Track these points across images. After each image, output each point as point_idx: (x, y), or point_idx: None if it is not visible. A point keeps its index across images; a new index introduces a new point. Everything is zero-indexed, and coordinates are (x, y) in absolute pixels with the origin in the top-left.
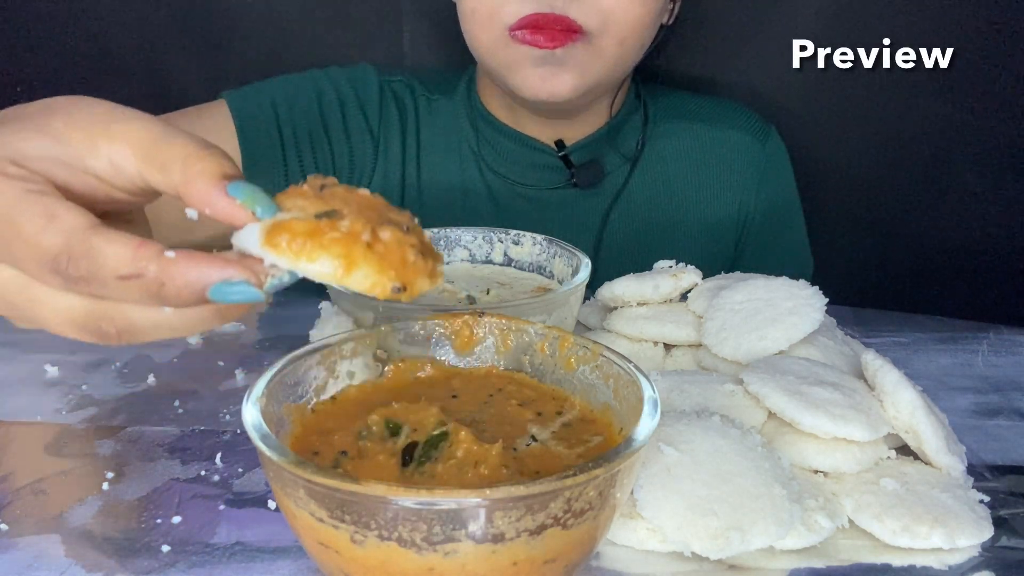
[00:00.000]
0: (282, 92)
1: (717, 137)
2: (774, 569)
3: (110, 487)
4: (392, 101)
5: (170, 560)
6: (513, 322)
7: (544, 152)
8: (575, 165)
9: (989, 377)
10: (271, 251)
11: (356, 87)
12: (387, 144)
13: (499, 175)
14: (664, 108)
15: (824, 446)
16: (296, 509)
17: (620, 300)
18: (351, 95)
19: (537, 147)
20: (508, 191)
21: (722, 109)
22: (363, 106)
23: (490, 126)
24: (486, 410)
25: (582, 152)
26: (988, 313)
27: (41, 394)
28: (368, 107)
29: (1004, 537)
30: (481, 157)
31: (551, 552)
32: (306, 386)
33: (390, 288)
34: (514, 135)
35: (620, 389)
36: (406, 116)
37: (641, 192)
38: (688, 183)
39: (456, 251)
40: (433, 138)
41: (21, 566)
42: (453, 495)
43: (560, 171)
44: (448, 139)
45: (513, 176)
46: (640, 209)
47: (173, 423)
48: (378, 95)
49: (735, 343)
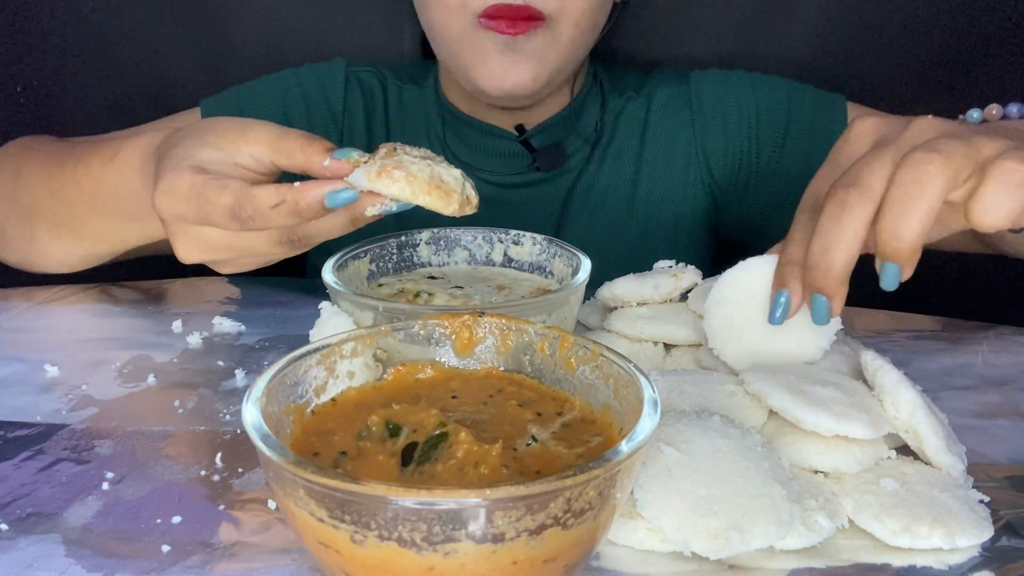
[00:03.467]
0: (249, 94)
1: (654, 103)
2: (774, 569)
3: (110, 487)
4: (358, 89)
5: (170, 560)
6: (513, 322)
7: (505, 138)
8: (536, 149)
9: (989, 377)
10: (374, 180)
11: (322, 80)
12: (351, 131)
13: (463, 163)
14: (618, 88)
15: (824, 446)
16: (296, 509)
17: (620, 300)
18: (316, 89)
19: (497, 133)
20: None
21: (653, 78)
22: (327, 97)
23: (452, 116)
24: (486, 411)
25: (543, 136)
26: (988, 313)
27: (41, 394)
28: (332, 97)
29: (1004, 537)
30: (447, 146)
31: (551, 552)
32: (306, 386)
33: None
34: (474, 123)
35: (620, 389)
36: (373, 104)
37: (603, 172)
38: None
39: (456, 251)
40: (402, 127)
41: (21, 566)
42: (453, 495)
43: (523, 157)
44: (416, 128)
45: (476, 163)
46: (602, 189)
47: (173, 423)
48: (343, 85)
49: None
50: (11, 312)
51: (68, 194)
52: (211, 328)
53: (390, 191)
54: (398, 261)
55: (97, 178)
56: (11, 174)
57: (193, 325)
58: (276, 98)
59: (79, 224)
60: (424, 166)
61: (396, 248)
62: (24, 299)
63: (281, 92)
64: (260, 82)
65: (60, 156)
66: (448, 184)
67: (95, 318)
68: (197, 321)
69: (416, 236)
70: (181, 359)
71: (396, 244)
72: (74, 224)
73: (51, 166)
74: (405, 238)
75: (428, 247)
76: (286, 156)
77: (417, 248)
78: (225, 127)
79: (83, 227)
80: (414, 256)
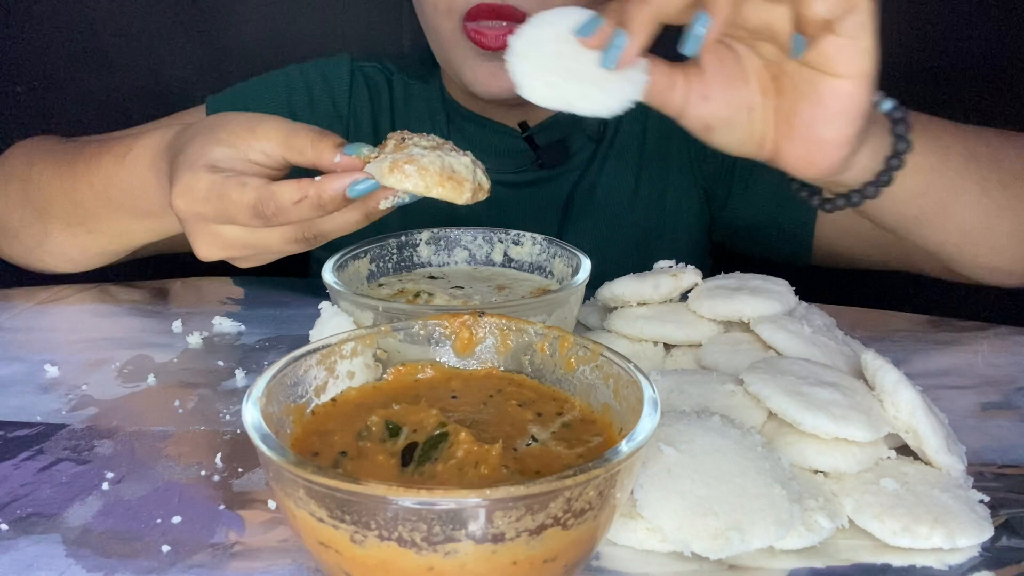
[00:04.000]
0: (254, 91)
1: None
2: (774, 569)
3: (110, 487)
4: (363, 85)
5: (170, 560)
6: (513, 322)
7: (508, 135)
8: (539, 146)
9: (989, 377)
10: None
11: (327, 75)
12: (357, 126)
13: None
14: None
15: (824, 446)
16: (296, 509)
17: (620, 300)
18: (320, 84)
19: (500, 130)
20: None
21: None
22: (332, 92)
23: (456, 112)
24: (486, 411)
25: (547, 133)
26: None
27: (41, 394)
28: (337, 93)
29: (1004, 537)
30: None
31: (551, 552)
32: (306, 386)
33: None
34: (478, 120)
35: (620, 389)
36: (379, 99)
37: (606, 171)
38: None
39: (456, 251)
40: (407, 122)
41: (21, 566)
42: (453, 495)
43: (527, 154)
44: (422, 124)
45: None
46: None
47: (173, 423)
48: (348, 80)
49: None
50: (11, 312)
51: (81, 193)
52: (211, 328)
53: (403, 186)
54: (398, 261)
55: (110, 177)
56: (22, 176)
57: (193, 325)
58: (280, 94)
59: (93, 222)
60: (435, 157)
61: (396, 248)
62: (24, 299)
63: (286, 88)
64: (264, 78)
65: (71, 156)
66: (460, 174)
67: (95, 318)
68: (197, 321)
69: (416, 236)
70: (181, 359)
71: (396, 244)
72: (88, 222)
73: (62, 166)
74: (405, 238)
75: (428, 247)
76: (297, 152)
77: (417, 248)
78: (235, 123)
79: (97, 224)
80: (414, 256)
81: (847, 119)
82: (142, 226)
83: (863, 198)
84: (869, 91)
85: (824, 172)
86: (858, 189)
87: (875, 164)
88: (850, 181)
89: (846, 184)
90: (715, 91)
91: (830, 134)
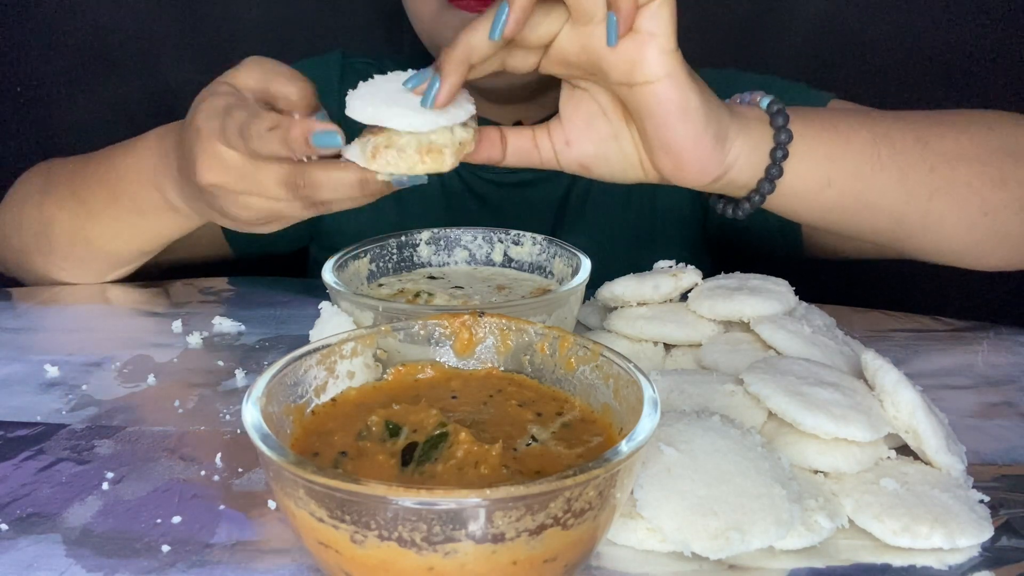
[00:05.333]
0: None
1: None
2: (774, 569)
3: (110, 487)
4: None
5: (170, 560)
6: (513, 322)
7: None
8: None
9: (989, 377)
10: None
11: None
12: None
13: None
14: None
15: (824, 446)
16: (296, 509)
17: (620, 300)
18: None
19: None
20: (469, 175)
21: None
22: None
23: None
24: (486, 411)
25: None
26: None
27: (41, 394)
28: (328, 90)
29: (1004, 537)
30: None
31: (551, 552)
32: (306, 386)
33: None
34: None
35: (620, 389)
36: None
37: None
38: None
39: (456, 251)
40: None
41: (21, 566)
42: (453, 495)
43: None
44: None
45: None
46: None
47: (173, 423)
48: (339, 76)
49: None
50: (11, 312)
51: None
52: (211, 328)
53: (387, 170)
54: (398, 261)
55: (118, 169)
56: (36, 203)
57: (193, 325)
58: None
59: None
60: (411, 139)
61: (396, 248)
62: (25, 299)
63: None
64: None
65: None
66: (437, 143)
67: (95, 318)
68: (197, 321)
69: (416, 236)
70: (181, 359)
71: (396, 244)
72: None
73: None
74: (405, 238)
75: (428, 247)
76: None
77: (417, 248)
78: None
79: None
80: (414, 256)
81: (682, 120)
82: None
83: (761, 195)
84: (684, 89)
85: (700, 175)
86: (755, 187)
87: (760, 159)
88: (744, 180)
89: (741, 184)
90: (574, 134)
91: (677, 138)
